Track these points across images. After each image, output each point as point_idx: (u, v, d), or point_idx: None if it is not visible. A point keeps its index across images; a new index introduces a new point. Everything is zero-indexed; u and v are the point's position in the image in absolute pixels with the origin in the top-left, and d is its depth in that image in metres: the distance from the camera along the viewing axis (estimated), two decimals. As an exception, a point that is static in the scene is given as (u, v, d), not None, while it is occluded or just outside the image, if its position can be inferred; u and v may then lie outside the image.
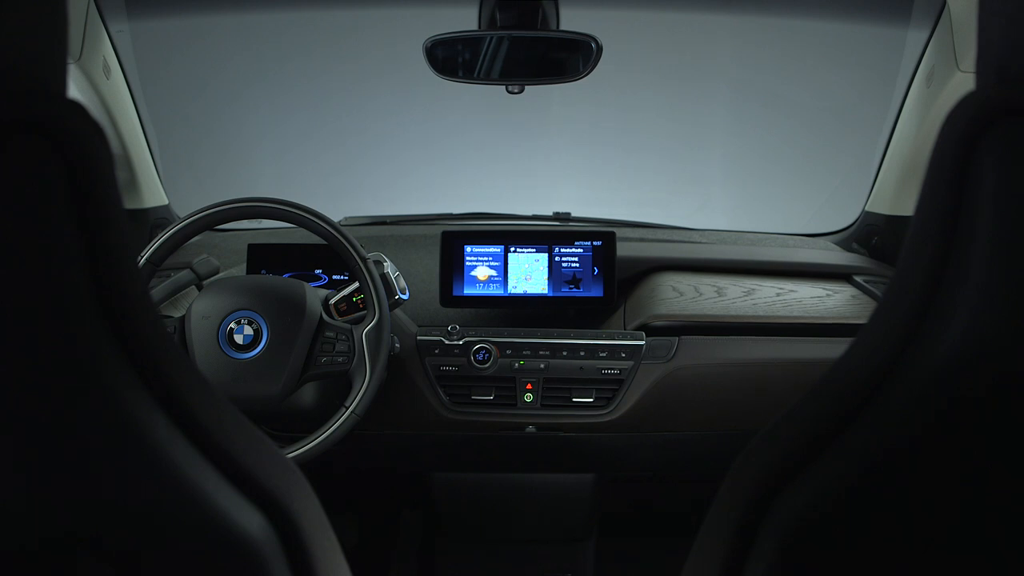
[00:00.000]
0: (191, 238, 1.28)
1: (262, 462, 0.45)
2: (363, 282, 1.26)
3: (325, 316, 1.27)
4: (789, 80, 2.48)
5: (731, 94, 2.55)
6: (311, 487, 0.49)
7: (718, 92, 2.56)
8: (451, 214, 1.84)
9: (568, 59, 1.37)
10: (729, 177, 2.62)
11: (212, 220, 1.26)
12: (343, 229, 1.26)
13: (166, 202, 1.83)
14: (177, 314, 1.30)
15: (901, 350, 0.41)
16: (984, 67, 0.43)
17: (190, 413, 0.42)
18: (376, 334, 1.25)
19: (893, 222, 1.71)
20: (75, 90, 1.46)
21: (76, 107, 0.40)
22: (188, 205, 1.31)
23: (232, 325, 1.23)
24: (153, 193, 1.77)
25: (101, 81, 1.49)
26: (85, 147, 0.39)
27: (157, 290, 1.46)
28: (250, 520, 0.42)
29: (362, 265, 1.26)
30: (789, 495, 0.41)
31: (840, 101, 2.44)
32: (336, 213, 1.88)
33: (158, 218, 1.78)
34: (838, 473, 0.41)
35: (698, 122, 2.56)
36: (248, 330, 1.23)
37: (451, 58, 1.38)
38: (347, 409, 1.23)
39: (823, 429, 0.42)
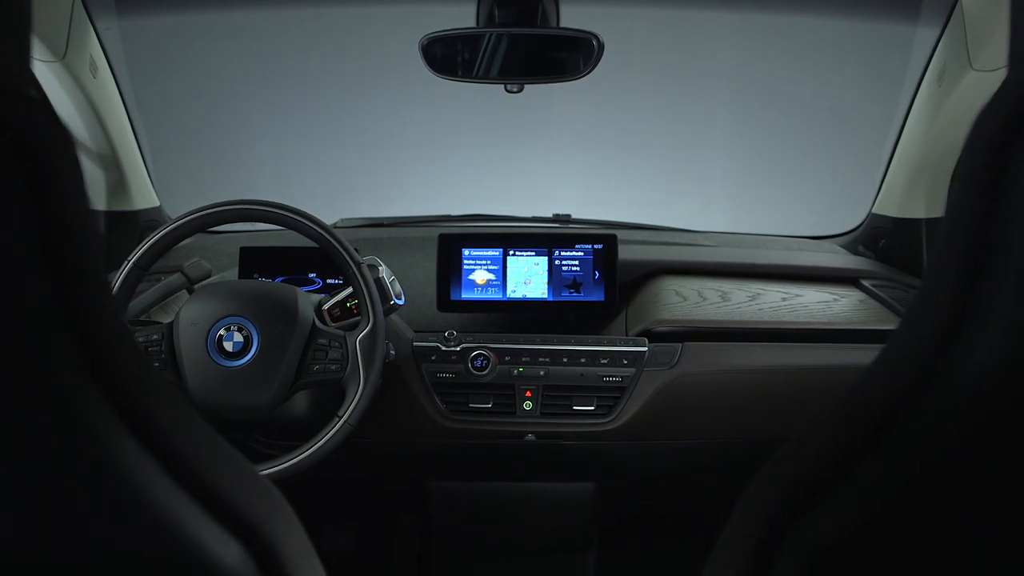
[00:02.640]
0: (180, 241, 1.24)
1: (240, 487, 0.42)
2: (357, 287, 1.23)
3: (318, 322, 1.24)
4: (792, 79, 2.45)
5: (733, 93, 2.52)
6: (294, 512, 0.46)
7: (720, 91, 2.52)
8: (449, 216, 1.81)
9: (568, 57, 1.33)
10: (731, 178, 2.58)
11: (201, 224, 1.22)
12: (336, 232, 1.22)
13: (157, 204, 1.79)
14: (167, 319, 1.26)
15: (931, 365, 0.39)
16: (1018, 65, 0.39)
17: (161, 435, 0.39)
18: (370, 341, 1.21)
19: (901, 224, 1.68)
20: (59, 89, 1.42)
21: (41, 106, 0.36)
22: (183, 207, 1.28)
23: (221, 332, 1.19)
24: (143, 195, 1.73)
25: (87, 80, 1.45)
26: (49, 150, 0.36)
27: (147, 294, 1.43)
28: (227, 550, 0.39)
29: (356, 270, 1.22)
30: (810, 518, 0.39)
31: (844, 100, 2.40)
32: (332, 214, 1.85)
33: (148, 220, 1.74)
34: (863, 496, 0.38)
35: (700, 122, 2.53)
36: (238, 337, 1.19)
37: (448, 56, 1.34)
38: (340, 419, 1.19)
39: (847, 448, 0.40)
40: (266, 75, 2.54)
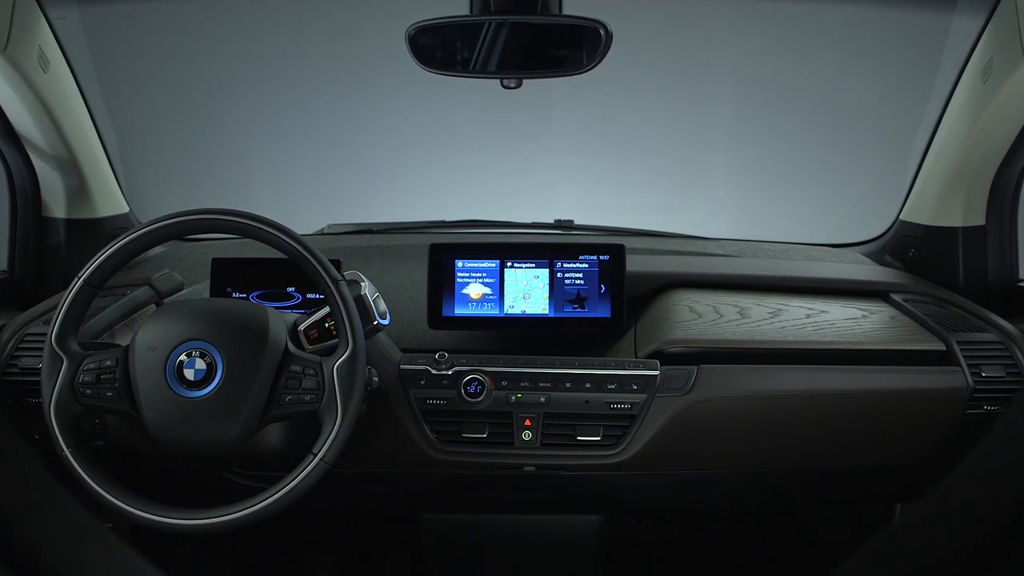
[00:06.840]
0: (137, 255, 1.12)
1: None
2: (334, 307, 1.09)
3: (291, 346, 1.11)
4: (807, 76, 2.33)
5: (745, 91, 2.41)
6: None
7: (731, 89, 2.41)
8: (443, 221, 1.71)
9: (572, 49, 1.21)
10: (744, 181, 2.46)
11: (158, 236, 1.10)
12: (311, 245, 1.09)
13: (126, 210, 1.66)
14: (126, 342, 1.12)
15: None
16: None
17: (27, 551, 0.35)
18: (349, 368, 1.08)
19: (934, 233, 1.55)
20: (2, 83, 1.28)
21: None
22: (161, 212, 1.16)
23: (182, 358, 1.06)
24: (109, 200, 1.60)
25: (36, 74, 1.31)
26: None
27: (109, 311, 1.31)
28: None
29: (333, 288, 1.09)
30: None
31: (863, 98, 2.28)
32: (321, 218, 1.73)
33: (116, 228, 1.61)
34: None
35: (710, 122, 2.42)
36: (200, 364, 1.06)
37: (439, 48, 1.23)
38: (315, 456, 1.06)
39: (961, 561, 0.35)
40: (253, 72, 2.43)
